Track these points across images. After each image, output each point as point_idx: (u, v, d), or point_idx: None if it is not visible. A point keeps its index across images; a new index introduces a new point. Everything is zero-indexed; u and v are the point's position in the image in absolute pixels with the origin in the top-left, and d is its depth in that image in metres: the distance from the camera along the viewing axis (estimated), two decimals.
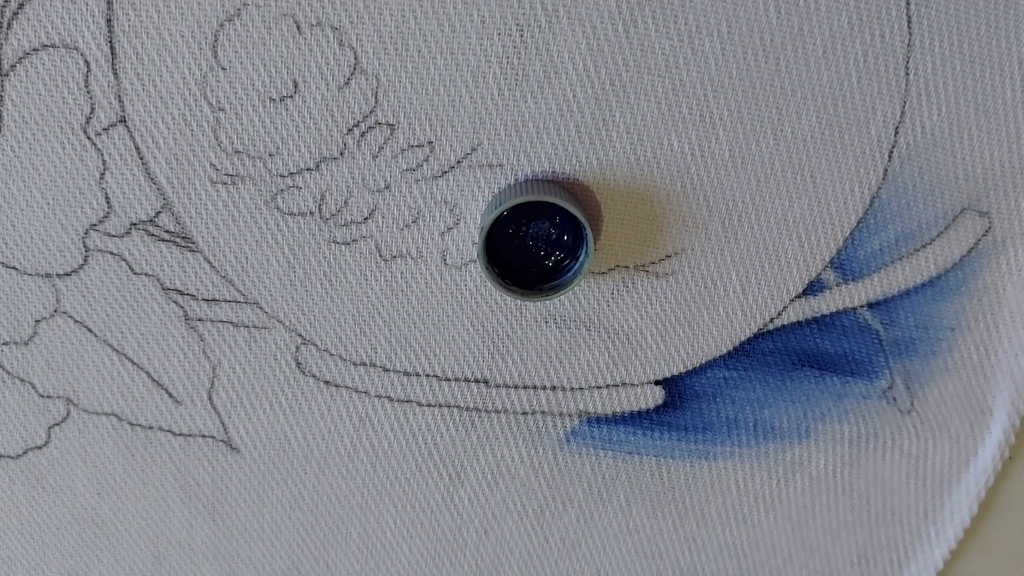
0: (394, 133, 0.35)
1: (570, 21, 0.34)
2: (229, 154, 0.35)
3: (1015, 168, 0.37)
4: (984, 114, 0.36)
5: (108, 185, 0.36)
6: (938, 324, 0.39)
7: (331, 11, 0.34)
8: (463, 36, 0.34)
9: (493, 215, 0.34)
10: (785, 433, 0.41)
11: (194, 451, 0.40)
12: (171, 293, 0.37)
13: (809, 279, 0.38)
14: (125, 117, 0.35)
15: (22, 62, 0.34)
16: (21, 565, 0.42)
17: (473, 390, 0.39)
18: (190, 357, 0.38)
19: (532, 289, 0.36)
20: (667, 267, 0.38)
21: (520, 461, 0.41)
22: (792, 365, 0.39)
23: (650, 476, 0.41)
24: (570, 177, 0.36)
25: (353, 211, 0.36)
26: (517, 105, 0.35)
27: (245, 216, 0.36)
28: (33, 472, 0.40)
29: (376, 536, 0.42)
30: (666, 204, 0.37)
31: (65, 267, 0.37)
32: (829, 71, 0.35)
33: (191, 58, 0.34)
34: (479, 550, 0.43)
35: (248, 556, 0.42)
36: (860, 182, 0.37)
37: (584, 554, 0.43)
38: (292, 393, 0.39)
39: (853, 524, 0.43)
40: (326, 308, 0.38)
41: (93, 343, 0.38)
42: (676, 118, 0.35)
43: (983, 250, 0.38)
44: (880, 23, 0.34)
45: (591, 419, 0.40)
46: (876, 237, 0.37)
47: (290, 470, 0.41)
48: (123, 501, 0.41)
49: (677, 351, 0.39)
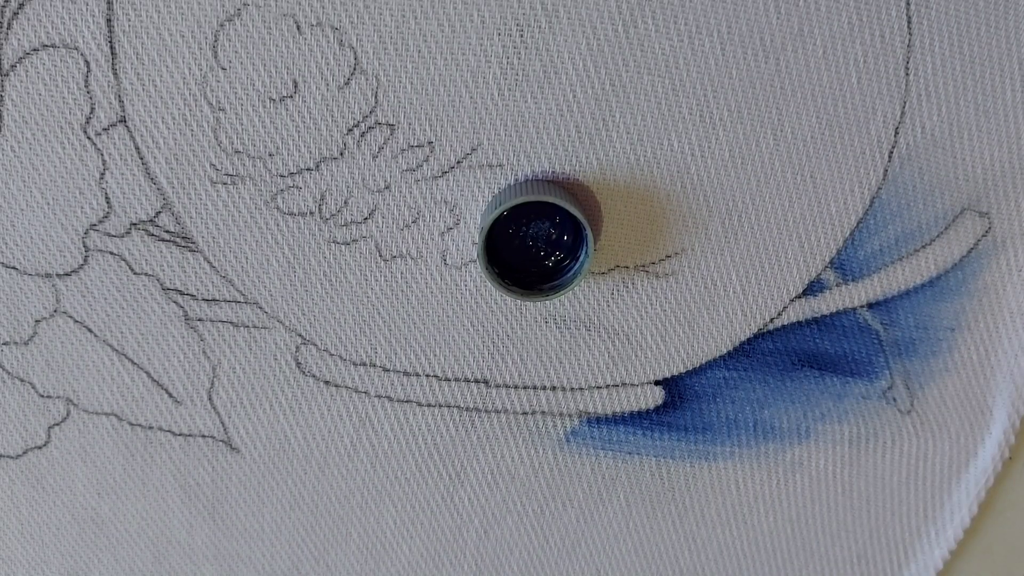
0: (394, 133, 0.35)
1: (570, 21, 0.34)
2: (229, 154, 0.35)
3: (1015, 168, 0.37)
4: (984, 114, 0.36)
5: (108, 185, 0.36)
6: (938, 324, 0.39)
7: (331, 11, 0.34)
8: (463, 36, 0.34)
9: (493, 215, 0.34)
10: (785, 433, 0.41)
11: (194, 451, 0.40)
12: (171, 293, 0.37)
13: (809, 279, 0.38)
14: (125, 117, 0.35)
15: (22, 62, 0.34)
16: (21, 565, 0.42)
17: (473, 390, 0.39)
18: (190, 357, 0.38)
19: (532, 289, 0.36)
20: (667, 267, 0.38)
21: (520, 461, 0.41)
22: (792, 365, 0.39)
23: (650, 476, 0.41)
24: (570, 177, 0.36)
25: (353, 211, 0.36)
26: (517, 105, 0.35)
27: (245, 216, 0.36)
28: (33, 472, 0.40)
29: (376, 536, 0.42)
30: (666, 204, 0.37)
31: (65, 267, 0.37)
32: (829, 71, 0.35)
33: (191, 58, 0.34)
34: (479, 550, 0.43)
35: (248, 556, 0.42)
36: (860, 182, 0.37)
37: (584, 554, 0.43)
38: (292, 393, 0.39)
39: (853, 524, 0.43)
40: (326, 308, 0.38)
41: (93, 343, 0.38)
42: (676, 118, 0.35)
43: (983, 250, 0.38)
44: (880, 23, 0.34)
45: (591, 419, 0.40)
46: (876, 237, 0.37)
47: (290, 470, 0.41)
48: (123, 501, 0.41)
49: (677, 351, 0.39)
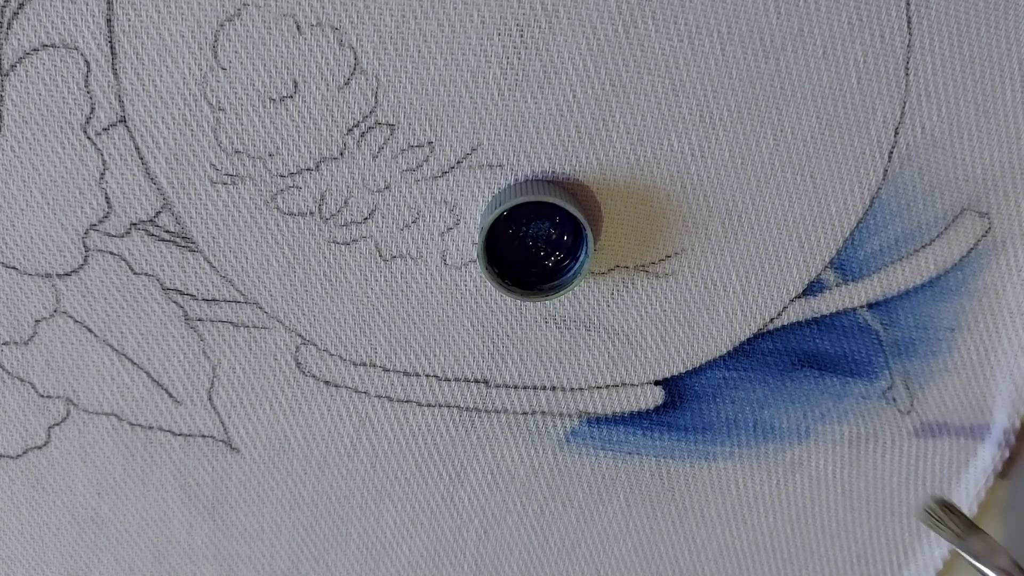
0: (394, 133, 0.35)
1: (570, 21, 0.34)
2: (229, 154, 0.35)
3: (1015, 168, 0.37)
4: (984, 114, 0.36)
5: (108, 185, 0.36)
6: (938, 324, 0.39)
7: (331, 11, 0.34)
8: (463, 36, 0.34)
9: (493, 215, 0.34)
10: (785, 433, 0.41)
11: (194, 451, 0.40)
12: (171, 293, 0.37)
13: (809, 279, 0.38)
14: (125, 117, 0.35)
15: (22, 62, 0.34)
16: (21, 565, 0.42)
17: (473, 390, 0.39)
18: (190, 357, 0.38)
19: (532, 289, 0.36)
20: (667, 267, 0.38)
21: (520, 461, 0.41)
22: (792, 365, 0.39)
23: (650, 476, 0.41)
24: (570, 177, 0.36)
25: (353, 211, 0.36)
26: (517, 105, 0.35)
27: (245, 216, 0.36)
28: (33, 472, 0.40)
29: (376, 536, 0.42)
30: (666, 204, 0.37)
31: (65, 267, 0.37)
32: (829, 71, 0.35)
33: (191, 58, 0.34)
34: (479, 550, 0.43)
35: (248, 556, 0.42)
36: (860, 182, 0.37)
37: (584, 554, 0.43)
38: (292, 393, 0.39)
39: (853, 524, 0.43)
40: (326, 308, 0.38)
41: (93, 343, 0.38)
42: (676, 118, 0.35)
43: (983, 250, 0.38)
44: (880, 23, 0.34)
45: (591, 419, 0.40)
46: (876, 237, 0.37)
47: (290, 470, 0.41)
48: (123, 501, 0.41)
49: (677, 351, 0.39)
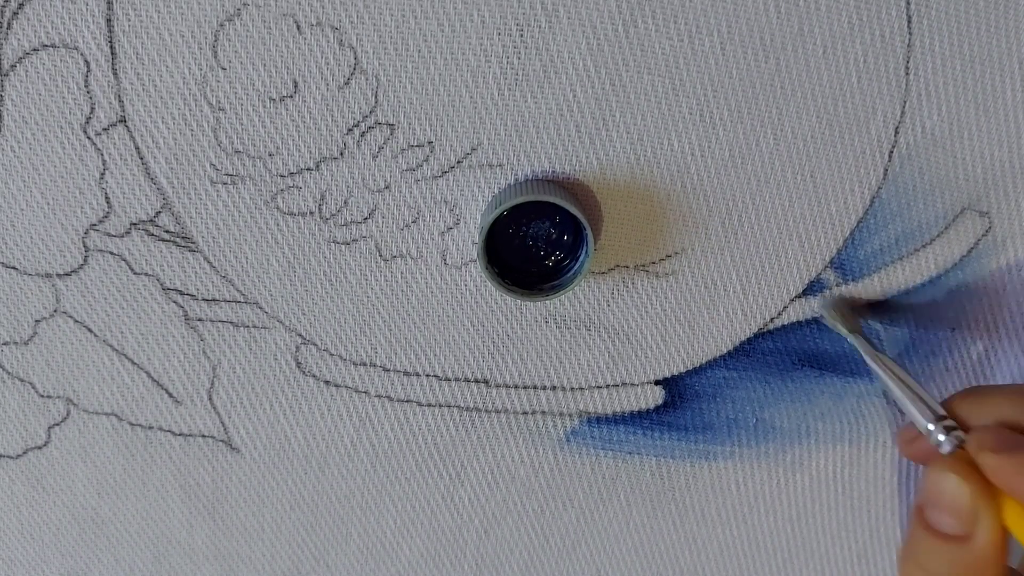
0: (394, 133, 0.35)
1: (570, 21, 0.34)
2: (229, 154, 0.35)
3: (1015, 168, 0.37)
4: (984, 114, 0.36)
5: (108, 185, 0.36)
6: (938, 324, 0.39)
7: (331, 11, 0.34)
8: (463, 36, 0.34)
9: (493, 215, 0.34)
10: (785, 433, 0.41)
11: (194, 451, 0.40)
12: (171, 293, 0.37)
13: (809, 279, 0.38)
14: (125, 117, 0.35)
15: (22, 62, 0.34)
16: (21, 565, 0.42)
17: (473, 390, 0.39)
18: (190, 357, 0.38)
19: (532, 289, 0.36)
20: (667, 267, 0.38)
21: (520, 461, 0.41)
22: (792, 365, 0.39)
23: (650, 476, 0.41)
24: (570, 177, 0.36)
25: (353, 211, 0.36)
26: (517, 105, 0.35)
27: (245, 216, 0.36)
28: (33, 472, 0.40)
29: (376, 536, 0.42)
30: (666, 204, 0.37)
31: (65, 267, 0.37)
32: (829, 71, 0.35)
33: (191, 58, 0.34)
34: (479, 550, 0.43)
35: (248, 556, 0.42)
36: (860, 182, 0.37)
37: (584, 554, 0.43)
38: (292, 393, 0.39)
39: (853, 524, 0.43)
40: (326, 308, 0.38)
41: (93, 343, 0.38)
42: (676, 118, 0.35)
43: (983, 250, 0.38)
44: (880, 23, 0.34)
45: (591, 419, 0.40)
46: (876, 237, 0.37)
47: (290, 470, 0.41)
48: (123, 501, 0.41)
49: (677, 351, 0.39)
